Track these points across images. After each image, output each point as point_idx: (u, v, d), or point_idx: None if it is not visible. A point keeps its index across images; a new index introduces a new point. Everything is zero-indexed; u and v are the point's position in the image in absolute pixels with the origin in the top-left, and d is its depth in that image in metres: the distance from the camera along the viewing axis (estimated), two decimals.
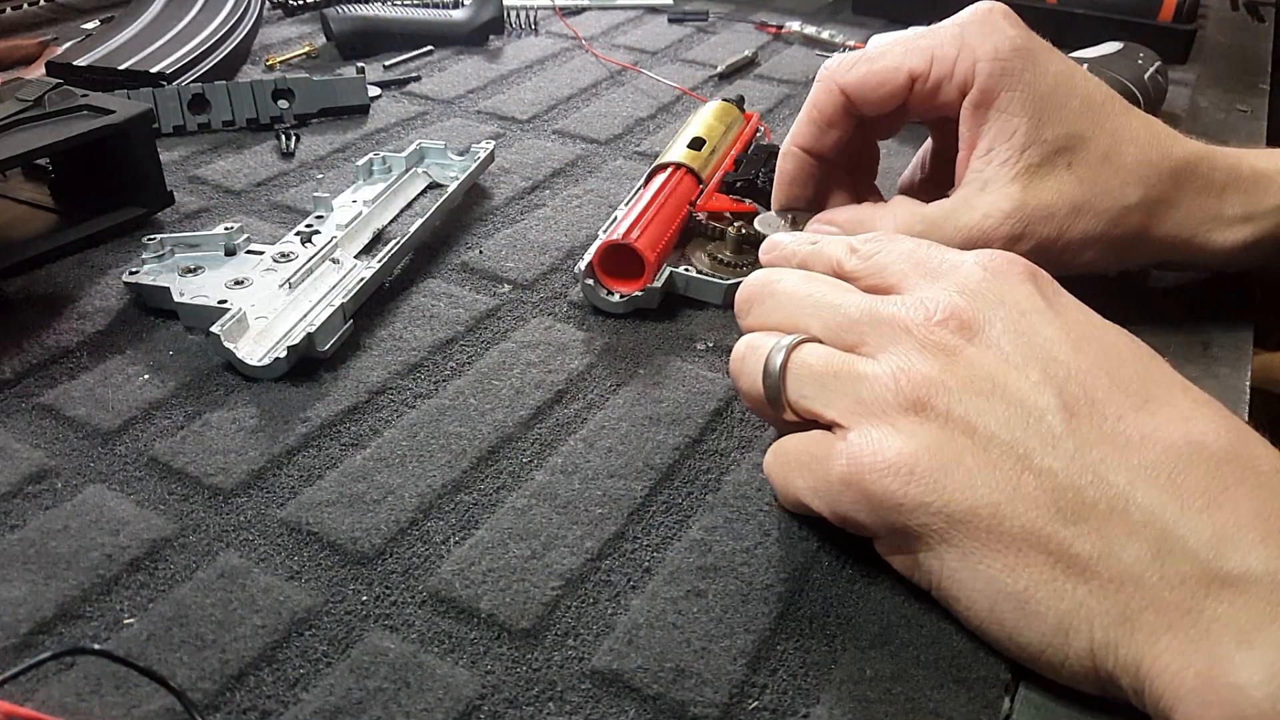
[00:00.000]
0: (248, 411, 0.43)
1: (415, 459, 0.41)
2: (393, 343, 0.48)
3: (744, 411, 0.44)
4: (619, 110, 0.75)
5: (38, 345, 0.47)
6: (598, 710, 0.31)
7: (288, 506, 0.39)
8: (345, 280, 0.50)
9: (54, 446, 0.41)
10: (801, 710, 0.32)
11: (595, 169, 0.66)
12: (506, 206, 0.61)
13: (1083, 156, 0.45)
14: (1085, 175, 0.45)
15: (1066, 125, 0.45)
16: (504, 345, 0.48)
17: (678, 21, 0.94)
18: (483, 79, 0.79)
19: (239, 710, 0.31)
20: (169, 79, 0.71)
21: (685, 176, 0.55)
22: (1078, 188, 0.45)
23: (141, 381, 0.45)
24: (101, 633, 0.33)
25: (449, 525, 0.38)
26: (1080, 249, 0.46)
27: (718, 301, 0.52)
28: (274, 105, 0.69)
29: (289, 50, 0.83)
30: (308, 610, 0.34)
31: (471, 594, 0.35)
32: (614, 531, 0.38)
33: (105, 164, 0.56)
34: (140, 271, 0.50)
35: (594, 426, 0.43)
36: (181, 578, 0.35)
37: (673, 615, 0.35)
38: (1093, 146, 0.45)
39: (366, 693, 0.32)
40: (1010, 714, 0.32)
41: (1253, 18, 1.02)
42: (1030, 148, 0.45)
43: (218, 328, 0.45)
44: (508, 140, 0.69)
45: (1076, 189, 0.45)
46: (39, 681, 0.31)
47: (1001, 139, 0.45)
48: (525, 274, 0.54)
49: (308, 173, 0.64)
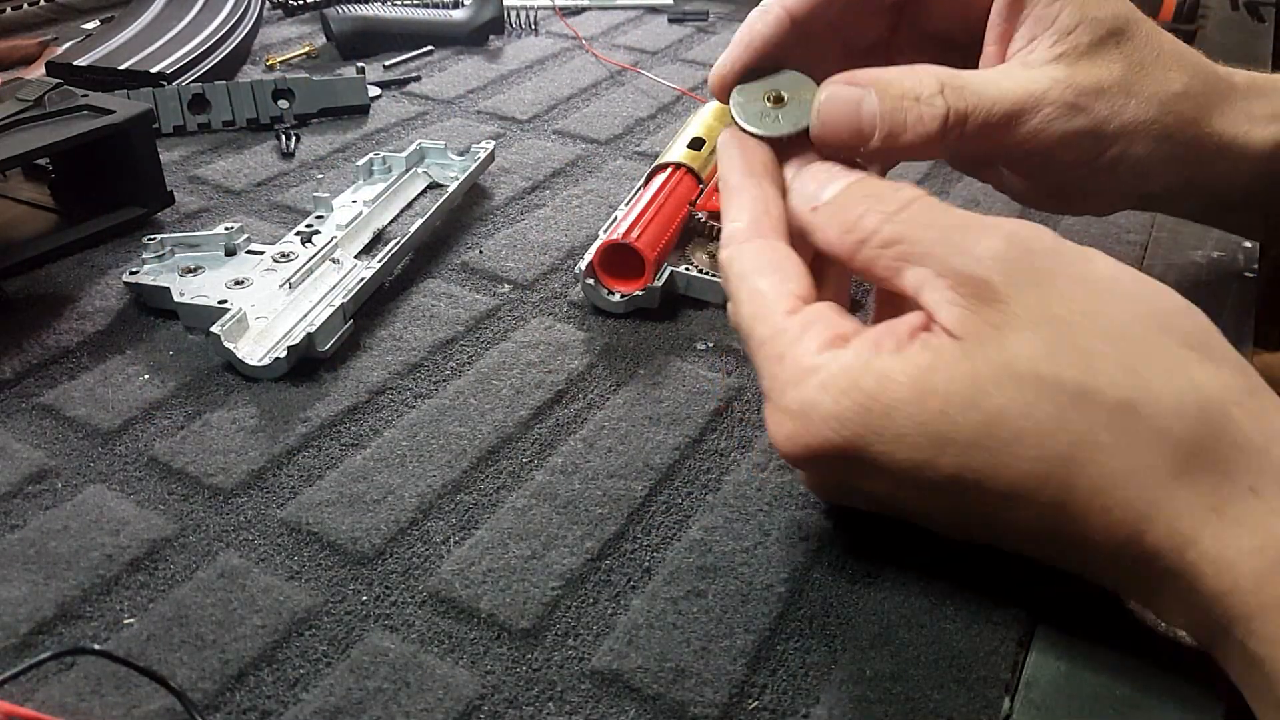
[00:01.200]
0: (248, 411, 0.43)
1: (415, 459, 0.41)
2: (393, 343, 0.48)
3: (744, 411, 0.44)
4: (619, 110, 0.75)
5: (38, 345, 0.47)
6: (598, 710, 0.31)
7: (288, 506, 0.39)
8: (345, 280, 0.50)
9: (54, 446, 0.41)
10: (801, 710, 0.32)
11: (595, 169, 0.66)
12: (506, 206, 0.61)
13: (1130, 38, 0.41)
14: (1134, 57, 0.41)
15: (1114, 5, 0.41)
16: (504, 345, 0.48)
17: (678, 21, 0.94)
18: (483, 79, 0.79)
19: (239, 710, 0.31)
20: (169, 79, 0.71)
21: (685, 176, 0.55)
22: (1127, 69, 0.41)
23: (141, 381, 0.45)
24: (101, 633, 0.33)
25: (449, 525, 0.38)
26: (1133, 137, 0.41)
27: (718, 301, 0.52)
28: (274, 105, 0.69)
29: (289, 50, 0.83)
30: (308, 610, 0.34)
31: (471, 594, 0.35)
32: (614, 531, 0.38)
33: (105, 164, 0.56)
34: (140, 271, 0.50)
35: (594, 426, 0.43)
36: (181, 578, 0.35)
37: (673, 615, 0.34)
38: (1140, 30, 0.42)
39: (366, 693, 0.32)
40: (1010, 714, 0.32)
41: (1253, 18, 1.02)
42: (1078, 29, 0.40)
43: (218, 328, 0.45)
44: (508, 140, 0.69)
45: (1126, 69, 0.41)
46: (39, 681, 0.31)
47: (1043, 26, 0.41)
48: (525, 274, 0.54)
49: (308, 173, 0.64)
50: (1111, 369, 0.30)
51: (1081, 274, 0.32)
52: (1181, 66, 0.42)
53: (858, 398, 0.32)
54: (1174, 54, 0.42)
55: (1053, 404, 0.30)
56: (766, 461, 0.41)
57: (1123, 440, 0.29)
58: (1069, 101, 0.40)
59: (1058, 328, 0.31)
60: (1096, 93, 0.40)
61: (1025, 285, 0.31)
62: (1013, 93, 0.39)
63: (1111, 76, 0.41)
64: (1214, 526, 0.29)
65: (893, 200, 0.35)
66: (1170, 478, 0.29)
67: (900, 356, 0.32)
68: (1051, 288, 0.31)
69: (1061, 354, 0.30)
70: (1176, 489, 0.29)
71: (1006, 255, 0.32)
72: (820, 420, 0.32)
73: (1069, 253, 0.33)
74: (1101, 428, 0.30)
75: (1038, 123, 0.40)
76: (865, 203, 0.35)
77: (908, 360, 0.32)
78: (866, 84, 0.38)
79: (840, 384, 0.32)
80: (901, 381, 0.31)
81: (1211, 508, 0.29)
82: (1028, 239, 0.32)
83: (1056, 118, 0.40)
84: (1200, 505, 0.29)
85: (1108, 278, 0.32)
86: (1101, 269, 0.32)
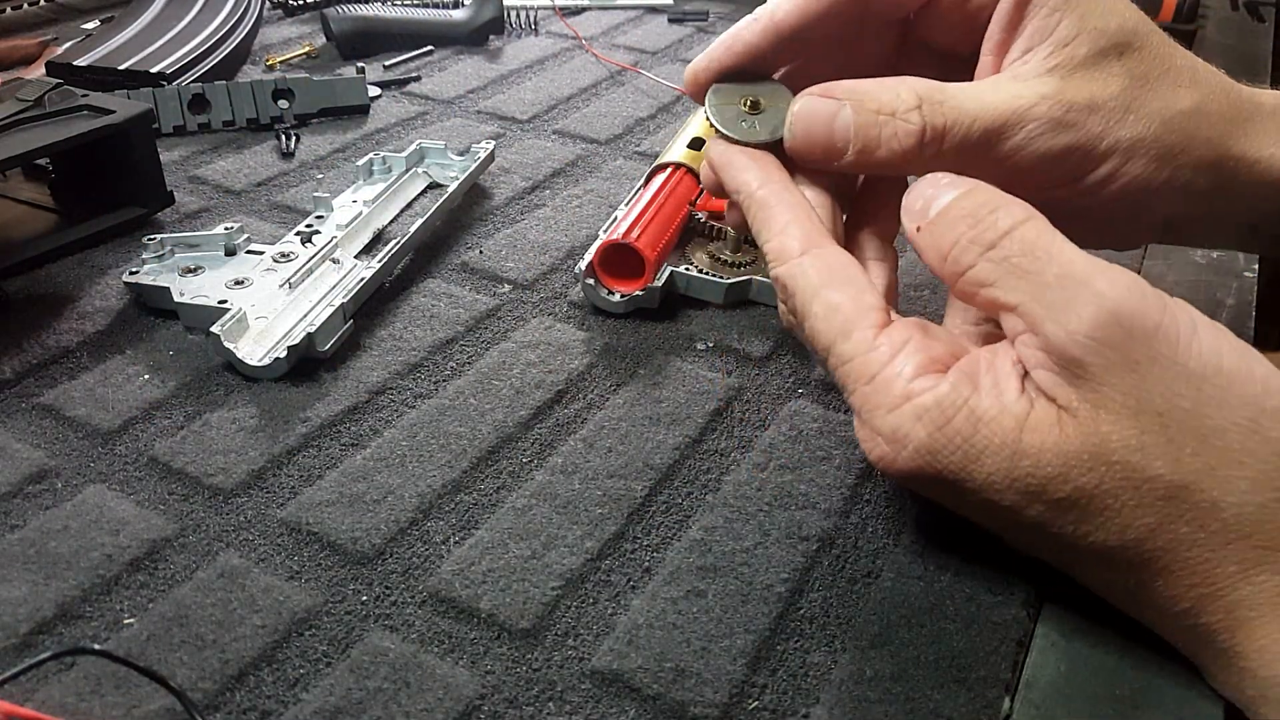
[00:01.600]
0: (248, 411, 0.43)
1: (415, 459, 0.41)
2: (393, 343, 0.48)
3: (744, 411, 0.44)
4: (619, 110, 0.75)
5: (38, 345, 0.47)
6: (598, 710, 0.31)
7: (288, 506, 0.39)
8: (345, 280, 0.50)
9: (54, 446, 0.41)
10: (801, 710, 0.32)
11: (595, 169, 0.66)
12: (506, 206, 0.61)
13: (1137, 51, 0.39)
14: (1137, 71, 0.39)
15: (1120, 17, 0.39)
16: (504, 345, 0.48)
17: (678, 21, 0.94)
18: (483, 79, 0.79)
19: (239, 710, 0.31)
20: (169, 79, 0.71)
21: (685, 176, 0.55)
22: (1129, 83, 0.39)
23: (141, 381, 0.45)
24: (101, 633, 0.33)
25: (449, 525, 0.38)
26: (1129, 155, 0.39)
27: (718, 301, 0.52)
28: (274, 105, 0.69)
29: (289, 50, 0.83)
30: (308, 610, 0.34)
31: (471, 594, 0.35)
32: (614, 531, 0.38)
33: (105, 164, 0.56)
34: (140, 271, 0.50)
35: (594, 426, 0.43)
36: (181, 578, 0.35)
37: (673, 615, 0.34)
38: (1148, 43, 0.39)
39: (366, 693, 0.32)
40: (1010, 714, 0.32)
41: (1253, 18, 1.02)
42: (1076, 39, 0.38)
43: (218, 328, 0.45)
44: (508, 140, 0.69)
45: (1128, 84, 0.38)
46: (39, 681, 0.31)
47: (1040, 37, 0.38)
48: (525, 274, 0.54)
49: (308, 173, 0.64)
50: (1200, 468, 0.30)
51: (1183, 363, 0.31)
52: (1195, 84, 0.40)
53: (952, 436, 0.32)
54: (1187, 70, 0.40)
55: (1140, 493, 0.31)
56: (766, 461, 0.41)
57: (1200, 536, 0.30)
58: (1055, 117, 0.38)
59: (1152, 419, 0.30)
60: (1089, 108, 0.38)
61: (1121, 370, 0.31)
62: (995, 108, 0.38)
63: (1108, 91, 0.38)
64: (1269, 618, 0.30)
65: (991, 228, 0.33)
66: (1239, 571, 0.30)
67: (998, 403, 0.32)
68: (1149, 374, 0.31)
69: (1153, 447, 0.30)
70: (1242, 583, 0.30)
71: (1103, 337, 0.31)
72: (914, 450, 0.33)
73: (1172, 333, 0.31)
74: (1183, 521, 0.31)
75: (1020, 139, 0.38)
76: (962, 226, 0.34)
77: (1004, 411, 0.32)
78: (842, 97, 0.38)
79: (935, 419, 0.33)
80: (996, 432, 0.32)
81: (1272, 603, 0.30)
82: (1129, 317, 0.31)
83: (1040, 134, 0.38)
84: (1261, 598, 0.30)
85: (1212, 369, 0.31)
86: (1207, 358, 0.31)
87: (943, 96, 0.38)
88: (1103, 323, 0.31)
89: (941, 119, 0.37)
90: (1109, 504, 0.31)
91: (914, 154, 0.37)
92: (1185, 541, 0.31)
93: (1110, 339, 0.31)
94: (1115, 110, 0.38)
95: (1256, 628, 0.30)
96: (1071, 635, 0.34)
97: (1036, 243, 0.33)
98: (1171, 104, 0.39)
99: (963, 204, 0.34)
